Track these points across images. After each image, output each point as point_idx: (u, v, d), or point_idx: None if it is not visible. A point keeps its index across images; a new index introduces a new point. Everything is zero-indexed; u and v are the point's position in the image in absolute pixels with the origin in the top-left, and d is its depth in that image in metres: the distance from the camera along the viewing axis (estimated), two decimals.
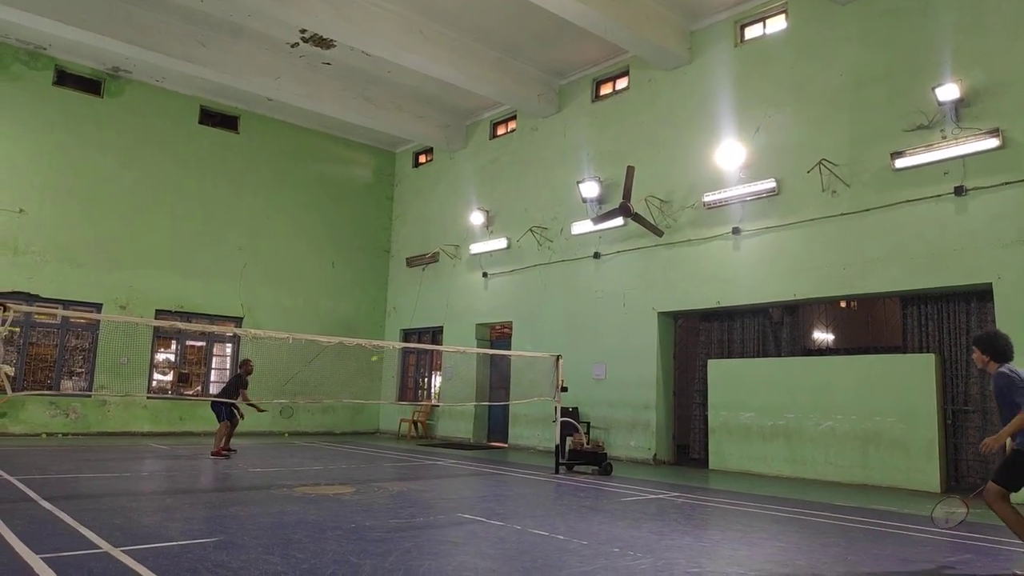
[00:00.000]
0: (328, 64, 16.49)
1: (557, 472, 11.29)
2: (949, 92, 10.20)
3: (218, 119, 18.73)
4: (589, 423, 14.31)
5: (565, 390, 12.11)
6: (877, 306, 14.75)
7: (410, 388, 20.34)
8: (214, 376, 18.13)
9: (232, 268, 18.40)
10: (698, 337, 14.23)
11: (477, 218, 17.99)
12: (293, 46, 15.72)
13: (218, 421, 12.21)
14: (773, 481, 11.10)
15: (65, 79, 16.53)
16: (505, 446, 16.65)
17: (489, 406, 17.49)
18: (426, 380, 20.12)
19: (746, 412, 12.28)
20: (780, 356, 12.59)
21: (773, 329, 12.87)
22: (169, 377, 17.68)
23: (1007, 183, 9.80)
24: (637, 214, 13.68)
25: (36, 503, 6.90)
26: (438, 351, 18.32)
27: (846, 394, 11.08)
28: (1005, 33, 10.08)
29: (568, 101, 16.56)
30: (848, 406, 11.03)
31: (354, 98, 17.49)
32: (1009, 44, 10.02)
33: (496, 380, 17.50)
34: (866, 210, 11.16)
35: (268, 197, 19.24)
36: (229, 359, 18.34)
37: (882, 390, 10.69)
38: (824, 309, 14.75)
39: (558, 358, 12.22)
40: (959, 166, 10.25)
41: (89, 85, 16.84)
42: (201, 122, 18.37)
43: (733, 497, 9.16)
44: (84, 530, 5.66)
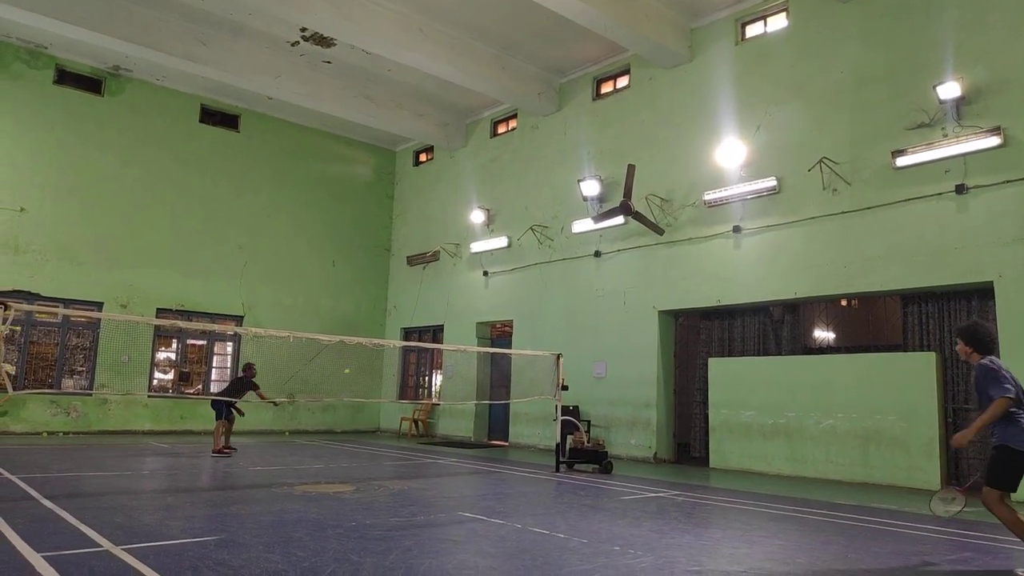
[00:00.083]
0: (328, 63, 16.49)
1: (558, 470, 11.30)
2: (950, 90, 10.18)
3: (218, 118, 18.73)
4: (590, 421, 14.32)
5: (566, 388, 12.11)
6: (878, 304, 14.73)
7: (411, 387, 20.35)
8: (215, 375, 18.14)
9: (233, 267, 18.41)
10: (699, 335, 14.23)
11: (478, 216, 17.99)
12: (293, 45, 15.71)
13: (216, 419, 12.31)
14: (774, 479, 11.11)
15: (65, 78, 16.53)
16: (506, 444, 16.66)
17: (490, 405, 17.50)
18: (427, 379, 20.12)
19: (747, 410, 12.28)
20: (781, 354, 12.58)
21: (774, 327, 12.87)
22: (170, 376, 17.69)
23: (1008, 181, 9.79)
24: (638, 212, 13.68)
25: (37, 501, 6.91)
26: (439, 350, 18.33)
27: (847, 392, 11.09)
28: (1006, 31, 10.06)
29: (568, 99, 16.55)
30: (849, 404, 11.04)
31: (354, 97, 17.49)
32: (1010, 42, 10.00)
33: (497, 378, 17.51)
34: (867, 208, 11.15)
35: (269, 196, 19.25)
36: (230, 358, 18.36)
37: (883, 388, 10.69)
38: (825, 307, 14.73)
39: (559, 356, 12.23)
40: (960, 164, 10.24)
41: (90, 84, 16.85)
42: (202, 121, 18.37)
43: (733, 495, 9.17)
44: (85, 528, 5.67)
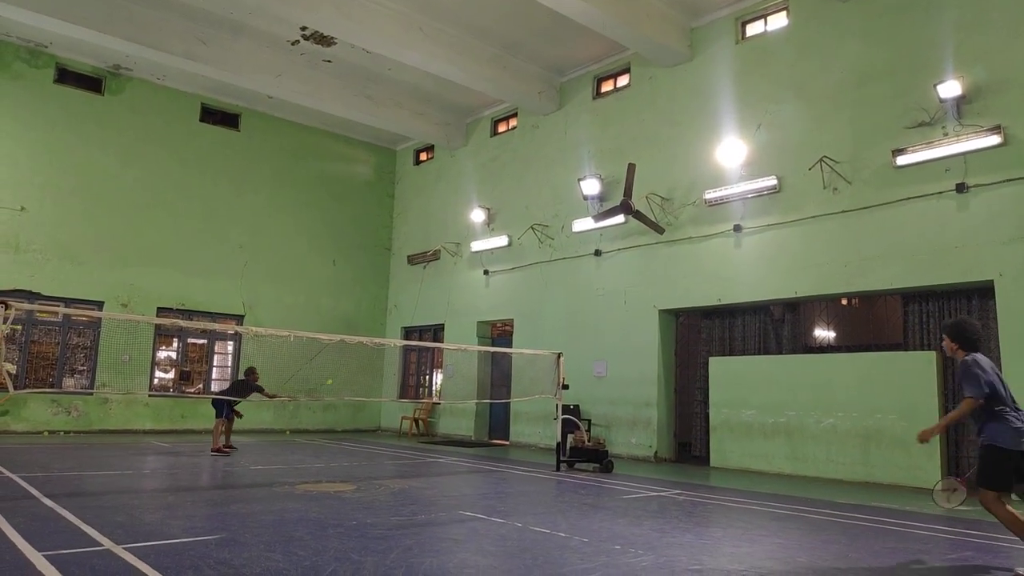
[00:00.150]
0: (328, 62, 16.48)
1: (558, 469, 11.30)
2: (951, 89, 10.18)
3: (219, 117, 18.73)
4: (590, 421, 14.32)
5: (566, 387, 12.11)
6: (878, 303, 14.74)
7: (411, 386, 20.36)
8: (215, 374, 18.15)
9: (233, 266, 18.41)
10: (699, 334, 14.23)
11: (478, 216, 17.98)
12: (294, 44, 15.70)
13: (216, 417, 12.40)
14: (774, 478, 11.11)
15: (66, 77, 16.53)
16: (506, 443, 16.66)
17: (490, 404, 17.50)
18: (427, 378, 20.13)
19: (747, 409, 12.28)
20: (781, 353, 12.58)
21: (774, 326, 12.86)
22: (171, 375, 17.70)
23: (1008, 180, 9.79)
24: (638, 211, 13.68)
25: (38, 501, 6.92)
26: (439, 349, 18.33)
27: (847, 391, 11.09)
28: (1007, 30, 10.05)
29: (569, 98, 16.55)
30: (849, 403, 11.04)
31: (354, 96, 17.49)
32: (1011, 41, 10.00)
33: (497, 378, 17.52)
34: (867, 207, 11.15)
35: (269, 195, 19.24)
36: (231, 357, 18.37)
37: (883, 387, 10.69)
38: (825, 306, 14.74)
39: (559, 355, 12.23)
40: (960, 163, 10.23)
41: (90, 83, 16.85)
42: (202, 120, 18.37)
43: (734, 494, 9.17)
44: (86, 527, 5.67)
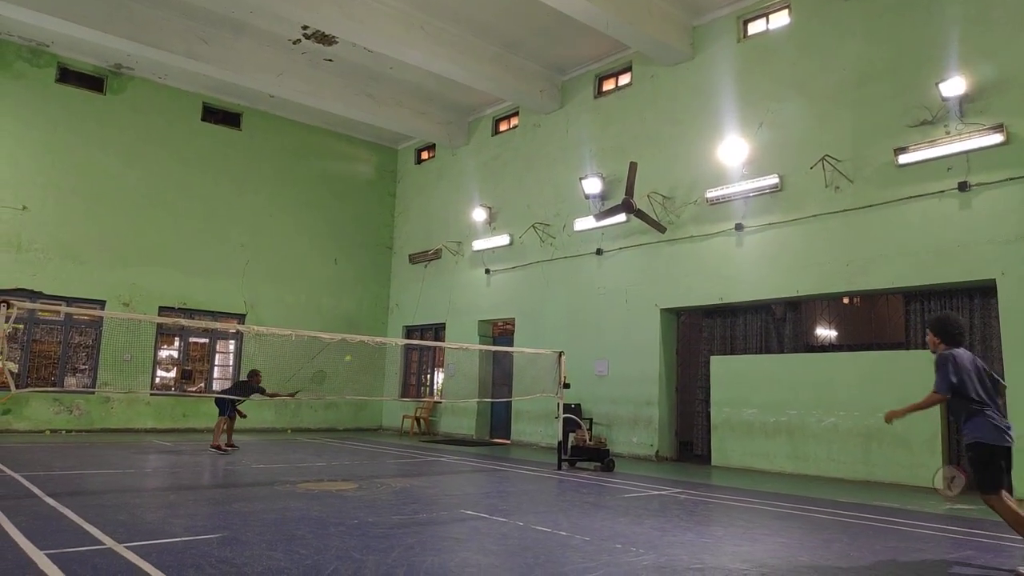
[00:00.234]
0: (330, 61, 16.48)
1: (560, 468, 11.30)
2: (953, 87, 10.15)
3: (220, 116, 18.74)
4: (591, 419, 14.32)
5: (567, 386, 12.11)
6: (880, 302, 14.72)
7: (413, 384, 20.37)
8: (217, 373, 18.16)
9: (235, 265, 18.42)
10: (701, 333, 14.22)
11: (479, 214, 17.98)
12: (295, 43, 15.70)
13: (219, 415, 12.50)
14: (776, 477, 11.10)
15: (67, 76, 16.54)
16: (508, 442, 16.67)
17: (492, 402, 17.51)
18: (429, 377, 20.14)
19: (749, 408, 12.27)
20: (783, 352, 12.57)
21: (776, 325, 12.85)
22: (172, 374, 17.72)
23: (1011, 179, 9.77)
24: (640, 210, 13.67)
25: (40, 499, 6.93)
26: (440, 348, 18.34)
27: (849, 390, 11.08)
28: (1010, 27, 10.03)
29: (570, 97, 16.53)
30: (851, 402, 11.02)
31: (356, 95, 17.49)
32: (1014, 39, 9.97)
33: (498, 376, 17.52)
34: (869, 206, 11.13)
35: (270, 194, 19.25)
36: (232, 356, 18.39)
37: (885, 386, 10.66)
38: (827, 305, 14.72)
39: (560, 354, 12.23)
40: (963, 162, 10.21)
41: (91, 82, 16.86)
42: (203, 119, 18.38)
43: (735, 493, 9.16)
44: (88, 526, 5.68)
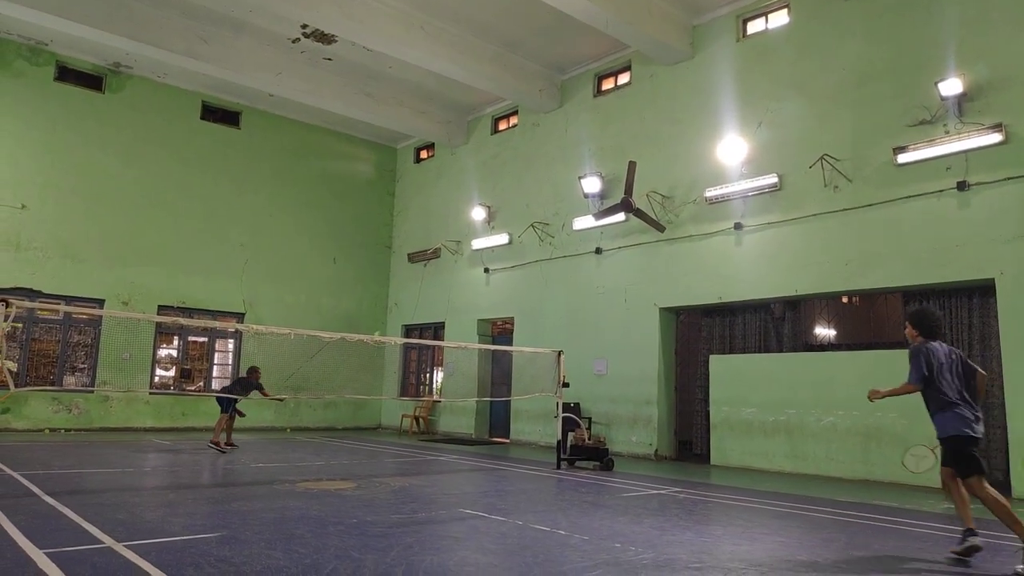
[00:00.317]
0: (329, 60, 16.47)
1: (559, 468, 11.30)
2: (952, 87, 10.17)
3: (220, 115, 18.72)
4: (591, 419, 14.32)
5: (567, 386, 12.12)
6: (879, 301, 14.73)
7: (412, 384, 20.37)
8: (216, 372, 18.16)
9: (234, 264, 18.41)
10: (700, 332, 14.23)
11: (479, 214, 17.98)
12: (294, 41, 15.69)
13: (221, 412, 12.58)
14: (774, 477, 11.11)
15: (66, 75, 16.53)
16: (507, 442, 16.67)
17: (491, 401, 17.51)
18: (428, 376, 20.14)
19: (748, 408, 12.28)
20: (782, 352, 12.58)
21: (775, 324, 12.86)
22: (171, 373, 17.71)
23: (1010, 178, 9.78)
24: (639, 209, 13.67)
25: (39, 498, 6.92)
26: (440, 347, 18.34)
27: (847, 390, 11.07)
28: (1009, 28, 10.04)
29: (570, 96, 16.53)
30: (850, 402, 11.02)
31: (355, 94, 17.48)
32: (1012, 39, 9.98)
33: (498, 376, 17.52)
34: (868, 205, 11.14)
35: (270, 193, 19.24)
36: (231, 355, 18.38)
37: (884, 385, 10.59)
38: (826, 304, 14.73)
39: (559, 353, 12.23)
40: (962, 161, 10.22)
41: (90, 81, 16.85)
42: (203, 118, 18.37)
43: (734, 492, 9.17)
44: (87, 525, 5.68)
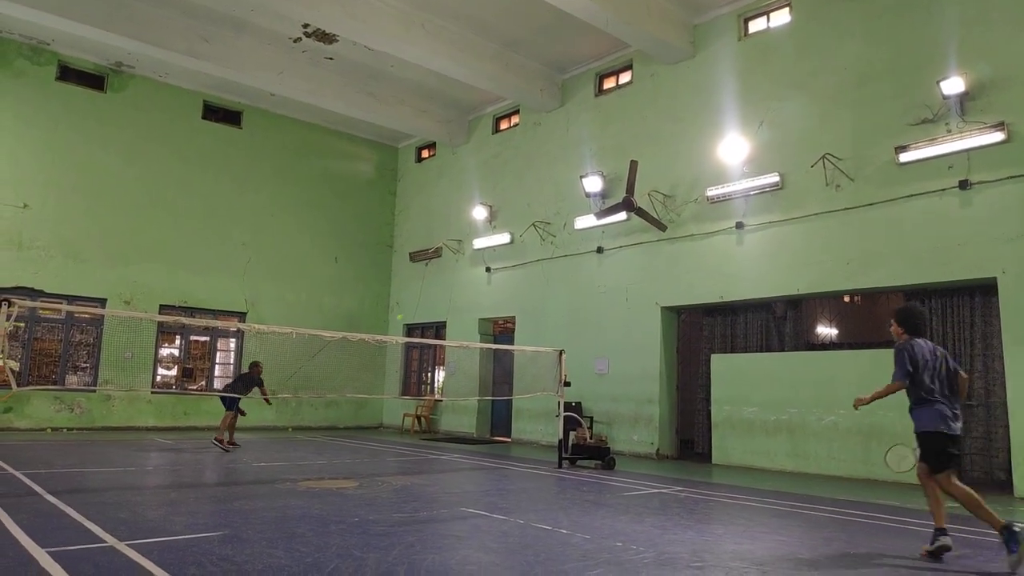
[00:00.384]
0: (330, 59, 16.47)
1: (560, 466, 11.31)
2: (954, 86, 10.15)
3: (221, 114, 18.73)
4: (592, 418, 14.33)
5: (568, 385, 12.12)
6: (881, 300, 14.71)
7: (413, 383, 20.38)
8: (218, 371, 18.18)
9: (236, 264, 18.43)
10: (701, 332, 14.23)
11: (480, 213, 17.98)
12: (296, 41, 15.70)
13: (226, 410, 12.65)
14: (776, 476, 11.11)
15: (68, 74, 16.54)
16: (508, 441, 16.67)
17: (492, 401, 17.52)
18: (429, 375, 20.15)
19: (749, 407, 12.28)
20: (783, 351, 12.57)
21: (776, 324, 12.85)
22: (173, 372, 17.73)
23: (1012, 177, 9.77)
24: (640, 209, 13.67)
25: (41, 497, 6.94)
26: (441, 346, 18.35)
27: (849, 389, 11.01)
28: (1010, 26, 10.02)
29: (571, 95, 16.53)
30: (851, 401, 10.93)
31: (356, 93, 17.49)
32: (1014, 37, 9.97)
33: (499, 375, 17.53)
34: (870, 204, 11.13)
35: (271, 193, 19.25)
36: (233, 354, 18.40)
37: (879, 385, 10.63)
38: (827, 304, 14.72)
39: (561, 353, 12.24)
40: (964, 160, 10.21)
41: (92, 80, 16.86)
42: (204, 117, 18.38)
43: (736, 491, 9.17)
44: (89, 524, 5.69)
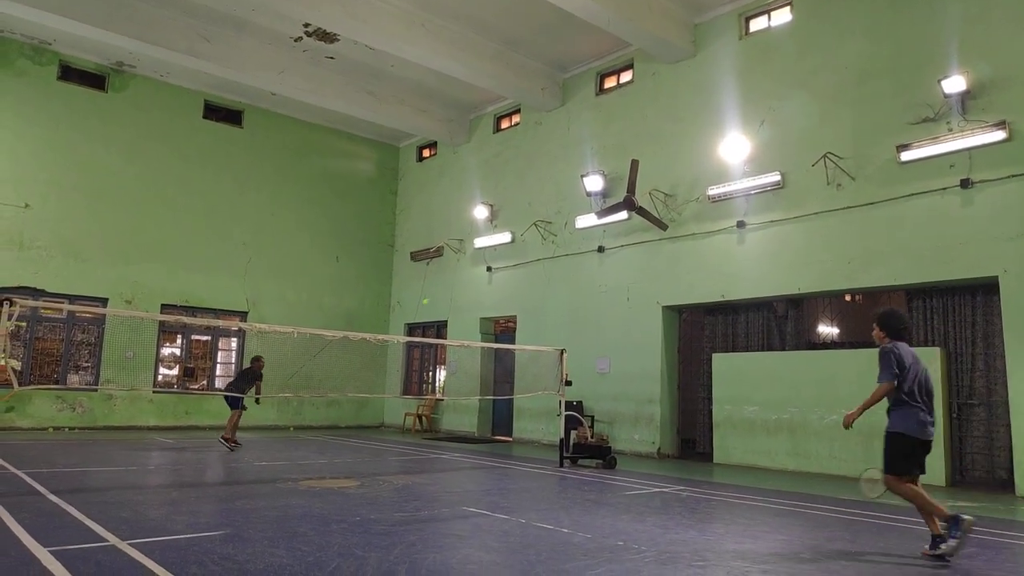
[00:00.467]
0: (331, 58, 16.47)
1: (561, 466, 11.31)
2: (955, 84, 10.14)
3: (222, 114, 18.74)
4: (593, 417, 14.33)
5: (569, 384, 12.12)
6: (882, 300, 14.68)
7: (415, 382, 20.39)
8: (219, 370, 18.19)
9: (237, 263, 18.44)
10: (702, 331, 14.22)
11: (481, 212, 17.98)
12: (296, 40, 15.70)
13: (232, 409, 12.72)
14: (777, 475, 11.11)
15: (69, 74, 16.55)
16: (509, 440, 16.68)
17: (493, 400, 17.52)
18: (430, 374, 20.15)
19: (750, 406, 12.27)
20: (784, 350, 12.57)
21: (777, 323, 12.85)
22: (174, 371, 17.75)
23: (1013, 176, 9.75)
24: (641, 208, 13.66)
25: (43, 496, 6.95)
26: (442, 345, 18.35)
27: (850, 388, 11.03)
28: (1011, 25, 10.01)
29: (572, 95, 16.52)
30: (852, 400, 10.81)
31: (357, 92, 17.49)
32: (1015, 36, 9.95)
33: (500, 374, 17.53)
34: (871, 203, 11.12)
35: (272, 192, 19.26)
36: (235, 353, 18.41)
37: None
38: (829, 303, 14.71)
39: (562, 352, 12.24)
40: (965, 159, 10.20)
41: (93, 80, 16.87)
42: (205, 117, 18.38)
43: (737, 491, 9.17)
44: (91, 523, 5.70)
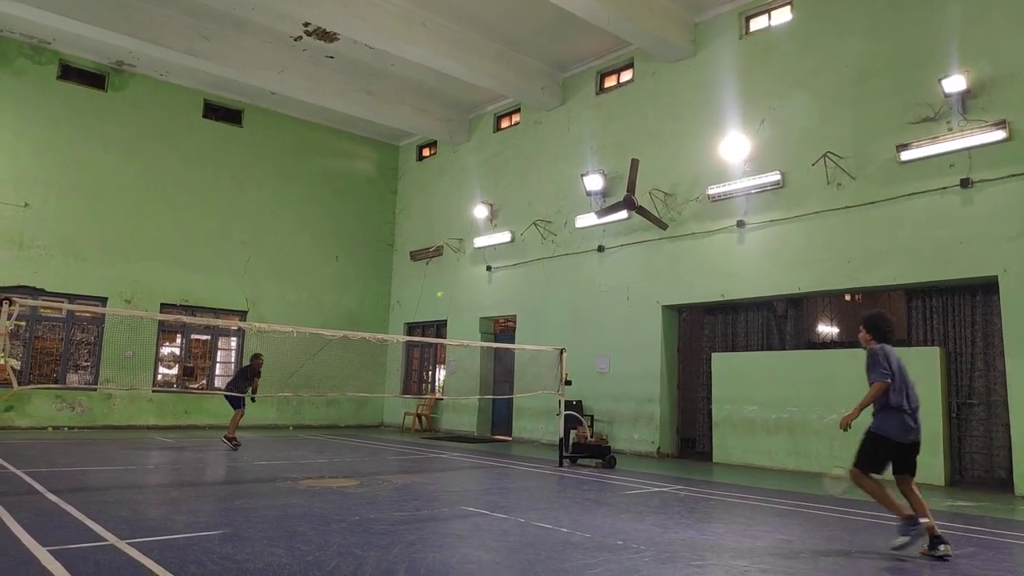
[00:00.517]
0: (331, 57, 16.47)
1: (561, 465, 11.31)
2: (955, 84, 10.14)
3: (222, 113, 18.73)
4: (593, 416, 14.33)
5: (569, 383, 12.12)
6: (882, 299, 14.68)
7: (414, 381, 20.39)
8: (219, 370, 18.19)
9: (236, 262, 18.43)
10: (702, 330, 14.22)
11: (481, 212, 17.97)
12: (296, 39, 15.69)
13: (234, 409, 12.80)
14: (777, 474, 11.11)
15: (69, 73, 16.55)
16: (509, 439, 16.68)
17: (493, 399, 17.52)
18: (430, 373, 20.15)
19: (750, 405, 12.27)
20: (784, 349, 12.57)
21: (777, 322, 12.85)
22: (174, 371, 17.74)
23: (1013, 175, 9.75)
24: (641, 207, 13.65)
25: (42, 496, 6.94)
26: (442, 345, 18.35)
27: (850, 387, 10.98)
28: (1011, 24, 10.01)
29: (572, 94, 16.51)
30: (852, 399, 10.76)
31: (357, 91, 17.48)
32: (1015, 35, 9.95)
33: (500, 373, 17.53)
34: (871, 203, 11.12)
35: (272, 191, 19.25)
36: (234, 352, 18.41)
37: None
38: (828, 302, 14.68)
39: (562, 351, 12.23)
40: (965, 158, 10.20)
41: (93, 79, 16.86)
42: (205, 116, 18.38)
43: (737, 490, 9.17)
44: (90, 522, 5.70)
